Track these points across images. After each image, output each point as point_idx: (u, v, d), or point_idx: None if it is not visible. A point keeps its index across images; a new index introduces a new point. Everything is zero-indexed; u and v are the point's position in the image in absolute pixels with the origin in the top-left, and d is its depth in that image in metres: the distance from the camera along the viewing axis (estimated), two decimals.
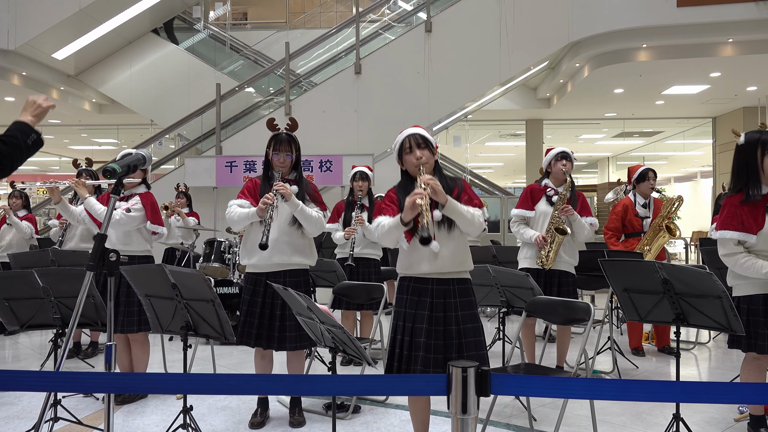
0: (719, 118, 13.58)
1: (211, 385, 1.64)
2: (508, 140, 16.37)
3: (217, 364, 5.08)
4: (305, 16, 12.20)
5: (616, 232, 5.56)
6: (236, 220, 3.57)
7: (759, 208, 3.15)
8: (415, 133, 2.91)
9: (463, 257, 2.88)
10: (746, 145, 3.22)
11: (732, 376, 4.81)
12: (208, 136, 9.67)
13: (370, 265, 5.28)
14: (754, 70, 9.92)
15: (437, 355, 2.75)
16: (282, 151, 3.64)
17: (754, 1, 8.36)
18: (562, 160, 4.43)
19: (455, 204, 2.73)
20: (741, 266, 3.14)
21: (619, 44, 9.17)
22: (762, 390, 1.73)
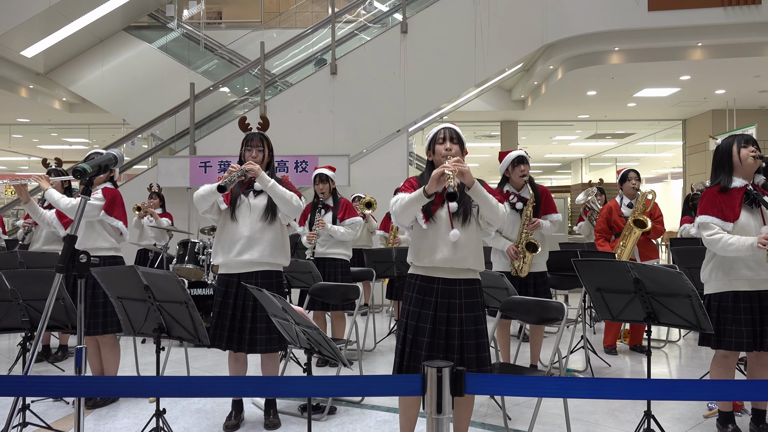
0: (689, 121, 13.85)
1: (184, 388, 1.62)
2: (484, 141, 16.49)
3: (191, 367, 5.02)
4: (280, 15, 12.13)
5: (603, 233, 5.64)
6: (201, 194, 3.51)
7: (735, 198, 3.23)
8: (451, 127, 2.95)
9: (478, 253, 2.88)
10: (723, 145, 3.35)
11: (701, 373, 4.90)
12: (182, 136, 9.56)
13: (337, 266, 5.26)
14: (723, 74, 10.14)
15: (439, 355, 2.77)
16: (254, 147, 3.63)
17: (722, 6, 8.54)
18: (520, 165, 4.41)
19: (481, 188, 2.76)
20: (725, 244, 3.16)
21: (592, 47, 9.30)
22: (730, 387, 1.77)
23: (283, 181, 3.74)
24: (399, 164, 8.87)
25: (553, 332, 6.45)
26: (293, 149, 8.67)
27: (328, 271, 5.22)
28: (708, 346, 3.33)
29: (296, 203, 3.58)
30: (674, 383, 1.60)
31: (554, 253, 5.61)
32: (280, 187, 3.54)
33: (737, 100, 11.94)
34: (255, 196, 3.62)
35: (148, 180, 8.38)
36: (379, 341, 6.18)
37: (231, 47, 11.21)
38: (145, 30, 11.57)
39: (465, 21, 9.18)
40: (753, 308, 3.22)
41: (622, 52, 9.36)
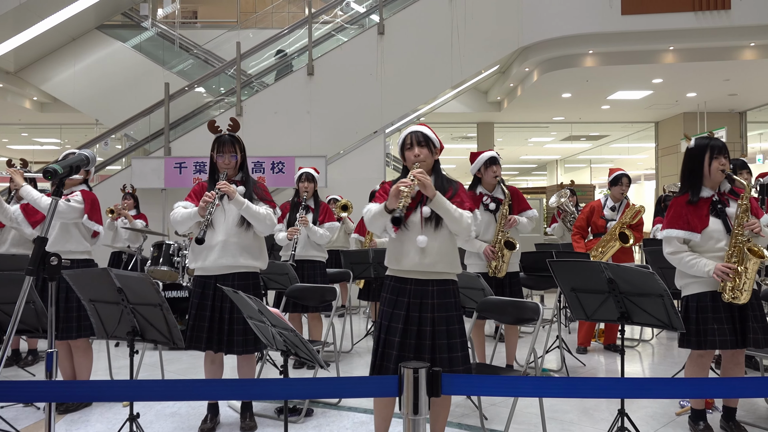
0: (661, 123, 14.08)
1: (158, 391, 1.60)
2: (460, 143, 16.57)
3: (165, 370, 4.96)
4: (257, 15, 12.06)
5: (581, 230, 5.70)
6: (179, 221, 3.52)
7: (703, 208, 3.30)
8: (417, 130, 2.96)
9: (450, 258, 2.90)
10: (696, 148, 3.38)
11: (674, 371, 4.98)
12: (157, 136, 9.45)
13: (315, 267, 5.24)
14: (694, 77, 10.33)
15: (409, 355, 2.79)
16: (226, 152, 3.59)
17: (693, 11, 8.71)
18: (492, 165, 4.44)
19: (443, 200, 2.79)
20: (685, 264, 3.28)
21: (567, 50, 9.41)
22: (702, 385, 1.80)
23: (259, 187, 3.72)
24: (376, 165, 8.87)
25: (529, 332, 6.51)
26: (270, 150, 8.62)
27: (307, 273, 5.20)
28: (690, 348, 3.34)
29: (269, 222, 3.57)
30: (647, 382, 1.63)
31: (529, 254, 5.66)
32: (254, 207, 3.53)
33: (708, 103, 12.17)
34: (229, 200, 3.59)
35: (121, 181, 8.26)
36: (356, 342, 6.17)
37: (206, 47, 11.10)
38: (119, 29, 11.40)
39: (441, 23, 9.22)
40: (731, 306, 3.25)
41: (596, 55, 9.49)
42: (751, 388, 1.83)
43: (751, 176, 5.06)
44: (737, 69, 9.76)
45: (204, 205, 3.41)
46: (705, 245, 3.29)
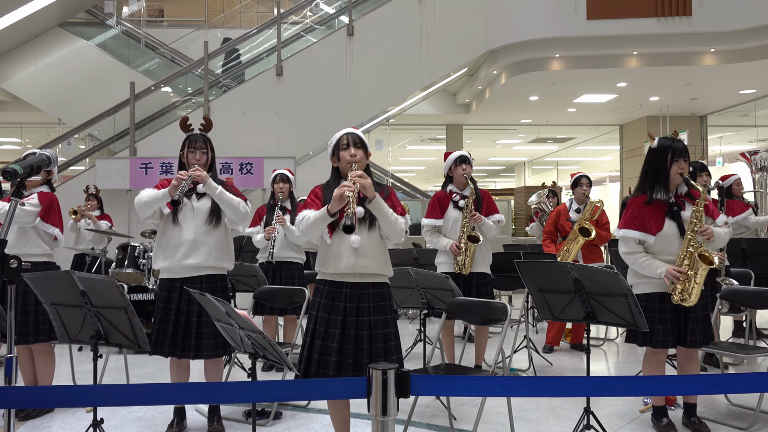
0: (625, 126, 14.36)
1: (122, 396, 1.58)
2: (429, 144, 16.65)
3: (130, 374, 4.87)
4: (225, 15, 11.94)
5: (550, 235, 5.80)
6: (145, 200, 3.40)
7: (659, 210, 3.39)
8: (354, 132, 2.96)
9: (382, 260, 2.90)
10: (658, 149, 3.46)
11: (637, 369, 5.08)
12: (122, 136, 9.28)
13: (293, 269, 5.22)
14: (657, 82, 10.56)
15: (348, 360, 2.77)
16: (197, 149, 3.55)
17: (656, 17, 8.91)
18: (462, 164, 4.50)
19: (382, 202, 2.78)
20: (639, 265, 3.39)
21: (534, 53, 9.53)
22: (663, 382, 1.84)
23: (227, 184, 3.68)
24: None
25: (498, 332, 6.57)
26: (238, 151, 8.53)
27: (285, 274, 5.16)
28: (635, 344, 3.48)
29: (243, 209, 3.53)
30: (612, 380, 1.66)
31: (498, 255, 5.72)
32: (228, 194, 3.48)
33: (670, 107, 12.45)
34: (198, 198, 3.54)
35: (85, 182, 8.09)
36: None
37: (173, 46, 10.95)
38: (83, 26, 11.17)
39: (411, 25, 9.26)
40: (677, 307, 3.38)
41: (562, 58, 9.64)
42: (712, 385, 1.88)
43: (710, 178, 5.19)
44: (698, 74, 10.01)
45: (176, 183, 3.32)
46: (659, 247, 3.40)
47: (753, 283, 4.89)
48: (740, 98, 11.84)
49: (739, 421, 3.75)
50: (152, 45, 11.02)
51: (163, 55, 10.99)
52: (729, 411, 3.98)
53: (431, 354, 4.38)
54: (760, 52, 8.99)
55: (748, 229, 6.14)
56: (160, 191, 3.41)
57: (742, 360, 5.15)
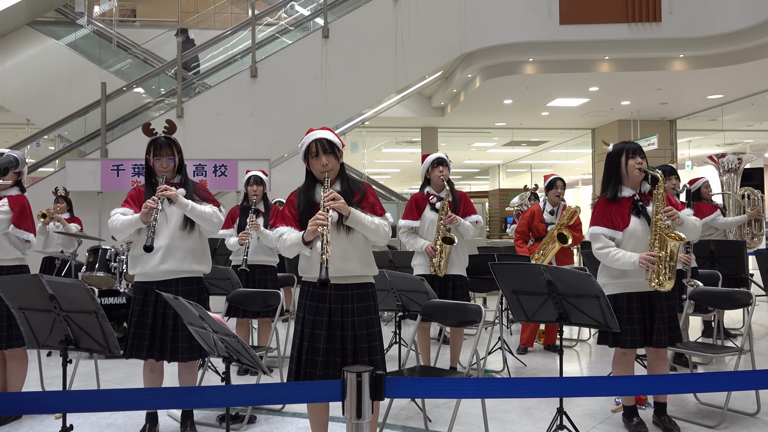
0: (597, 130, 14.57)
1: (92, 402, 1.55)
2: (405, 147, 16.69)
3: (101, 380, 4.79)
4: (198, 16, 11.83)
5: (523, 235, 5.84)
6: (119, 229, 3.39)
7: (624, 207, 3.47)
8: (322, 137, 2.89)
9: (367, 259, 2.90)
10: (614, 152, 3.59)
11: (609, 370, 5.14)
12: (93, 137, 9.12)
13: (267, 272, 5.19)
14: (627, 86, 10.74)
15: (336, 359, 2.79)
16: (163, 155, 3.49)
17: (627, 23, 9.06)
18: (439, 166, 4.54)
19: (359, 216, 2.78)
20: (612, 258, 3.43)
21: (508, 57, 9.62)
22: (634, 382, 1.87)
23: (200, 188, 3.64)
24: None
25: (473, 334, 6.61)
26: (212, 153, 8.45)
27: (259, 278, 5.12)
28: (606, 345, 3.54)
29: (216, 220, 3.50)
30: (584, 380, 1.68)
31: (473, 257, 5.75)
32: (199, 208, 3.45)
33: (641, 111, 12.67)
34: (171, 204, 3.50)
35: (54, 183, 7.93)
36: None
37: (146, 46, 10.80)
38: (52, 25, 10.96)
39: (386, 28, 9.28)
40: (643, 308, 3.47)
41: (536, 63, 9.74)
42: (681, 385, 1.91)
43: (679, 182, 5.29)
44: (668, 79, 10.20)
45: (147, 211, 3.30)
46: (626, 243, 3.47)
47: (721, 284, 4.99)
48: (708, 103, 12.10)
49: (708, 420, 3.82)
50: (124, 45, 10.85)
51: (135, 56, 10.84)
52: (698, 409, 4.06)
53: (406, 356, 4.39)
54: (728, 58, 9.20)
55: (716, 230, 6.27)
56: (132, 217, 3.38)
57: (710, 359, 5.25)
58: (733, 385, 2.01)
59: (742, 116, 13.04)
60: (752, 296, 3.94)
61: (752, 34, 8.66)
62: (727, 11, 8.78)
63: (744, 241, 6.28)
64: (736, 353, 3.95)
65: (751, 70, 9.51)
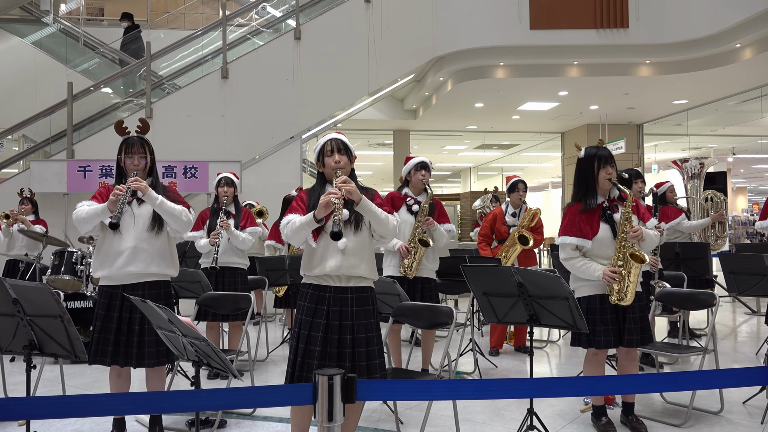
0: (567, 133, 14.78)
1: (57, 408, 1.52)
2: (377, 149, 16.71)
3: (67, 385, 4.69)
4: (168, 16, 11.68)
5: (486, 238, 5.89)
6: (84, 218, 3.30)
7: (594, 216, 3.54)
8: (338, 138, 2.95)
9: (369, 260, 2.90)
10: (585, 158, 3.62)
11: (579, 370, 5.22)
12: (59, 138, 8.94)
13: (236, 275, 5.14)
14: (596, 91, 10.93)
15: (331, 363, 2.77)
16: (135, 153, 3.44)
17: (595, 29, 9.22)
18: (422, 170, 4.58)
19: (369, 203, 2.80)
20: (578, 269, 3.53)
21: (479, 61, 9.71)
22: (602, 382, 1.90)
23: (170, 189, 3.59)
24: (292, 171, 8.79)
25: (444, 336, 6.63)
26: (182, 154, 8.35)
27: (228, 280, 5.07)
28: (580, 346, 3.59)
29: (186, 219, 3.45)
30: (553, 381, 1.70)
31: (444, 259, 5.78)
32: (169, 203, 3.39)
33: (609, 115, 12.89)
34: (139, 204, 3.44)
35: (18, 185, 7.75)
36: (271, 351, 6.07)
37: (114, 46, 10.64)
38: (17, 23, 10.72)
39: (358, 31, 9.28)
40: (616, 308, 3.53)
41: (506, 67, 9.85)
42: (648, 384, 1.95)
43: (645, 185, 5.39)
44: (635, 84, 10.41)
45: (115, 198, 3.23)
46: (596, 251, 3.54)
47: (686, 285, 5.10)
48: (674, 108, 12.38)
49: (674, 418, 3.90)
50: (92, 44, 10.66)
51: (103, 55, 10.65)
52: (664, 408, 4.14)
53: None
54: (692, 64, 9.43)
55: (681, 233, 6.40)
56: (98, 206, 3.31)
57: (676, 359, 5.36)
58: (698, 385, 2.06)
59: (706, 121, 13.37)
60: (716, 297, 4.04)
61: (716, 42, 8.89)
62: (692, 19, 9.00)
63: (708, 243, 6.43)
64: (701, 353, 4.04)
65: (714, 77, 9.75)
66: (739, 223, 16.69)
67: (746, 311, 8.51)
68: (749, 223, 16.59)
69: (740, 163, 18.57)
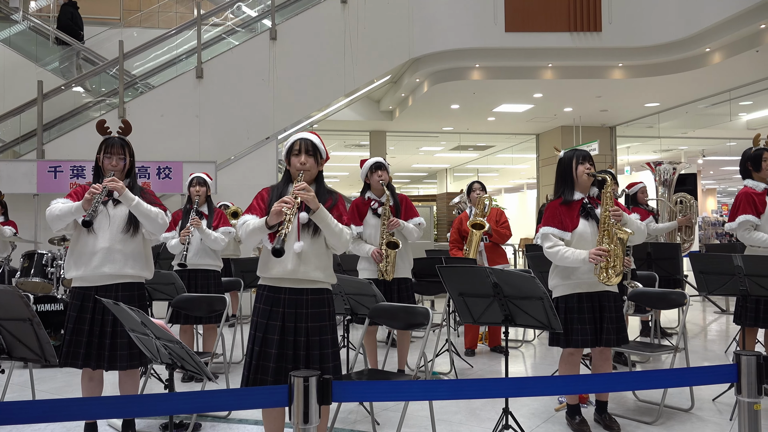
0: (541, 135, 14.93)
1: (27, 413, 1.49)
2: (353, 150, 16.70)
3: (37, 390, 4.60)
4: (142, 14, 11.53)
5: (456, 243, 5.95)
6: (57, 215, 3.24)
7: (574, 210, 3.59)
8: (307, 138, 2.91)
9: (325, 265, 2.88)
10: (565, 157, 3.72)
11: (553, 370, 5.27)
12: (28, 137, 8.77)
13: (210, 277, 5.07)
14: (570, 93, 11.06)
15: (288, 365, 2.75)
16: (114, 154, 3.41)
17: (569, 32, 9.33)
18: (378, 171, 4.54)
19: (326, 214, 2.76)
20: (562, 257, 3.53)
21: (455, 63, 9.76)
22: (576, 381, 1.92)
23: (145, 190, 3.55)
24: (268, 172, 8.74)
25: (421, 337, 6.65)
26: (155, 155, 8.25)
27: (201, 282, 5.00)
28: (558, 346, 3.63)
29: (162, 221, 3.41)
30: (528, 381, 1.71)
31: (420, 260, 5.81)
32: (145, 204, 3.35)
33: (582, 117, 13.06)
34: (115, 205, 3.39)
35: None
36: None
37: (86, 44, 10.47)
38: None
39: (334, 31, 9.27)
40: (594, 308, 3.58)
41: (482, 69, 9.92)
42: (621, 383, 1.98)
43: (618, 186, 5.47)
44: (607, 87, 10.55)
45: (90, 197, 3.18)
46: (576, 245, 3.58)
47: (657, 285, 5.18)
48: (646, 110, 12.58)
49: (646, 416, 3.96)
50: (63, 42, 10.47)
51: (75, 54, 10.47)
52: (636, 406, 4.20)
53: (354, 360, 4.39)
54: (663, 68, 9.59)
55: (649, 235, 6.51)
56: (73, 204, 3.25)
57: (648, 358, 5.44)
58: (669, 383, 2.09)
59: (677, 124, 13.62)
60: (686, 296, 4.12)
61: (687, 45, 9.07)
62: (664, 23, 9.16)
63: (679, 244, 6.55)
64: (672, 352, 4.11)
65: (685, 80, 9.94)
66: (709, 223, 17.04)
67: (716, 310, 8.68)
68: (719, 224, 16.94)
69: (710, 165, 18.95)
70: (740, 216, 4.32)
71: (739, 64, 9.10)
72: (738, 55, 8.66)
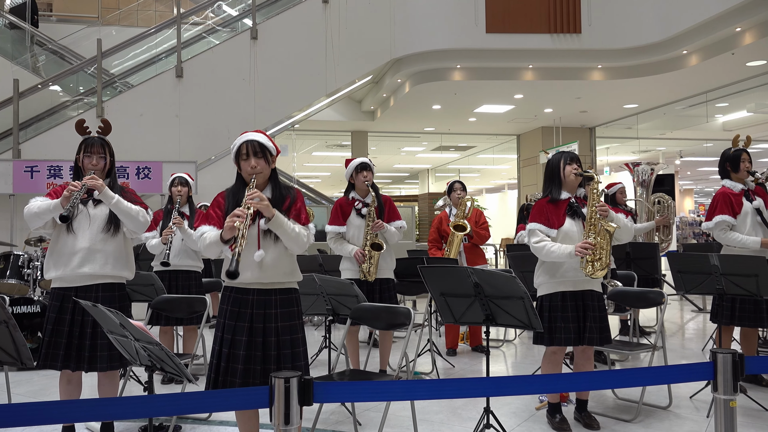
0: (522, 136, 15.04)
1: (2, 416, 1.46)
2: (335, 150, 16.67)
3: (13, 393, 4.52)
4: (120, 12, 11.41)
5: (435, 242, 5.96)
6: (35, 212, 3.19)
7: (560, 209, 3.63)
8: (254, 139, 2.82)
9: (289, 268, 2.86)
10: (553, 159, 3.77)
11: (534, 368, 5.31)
12: (4, 137, 8.62)
13: (191, 278, 5.03)
14: (550, 94, 11.14)
15: (256, 367, 2.72)
16: (94, 153, 3.37)
17: (549, 33, 9.41)
18: (363, 171, 4.54)
19: (282, 221, 2.71)
20: (548, 251, 3.54)
21: (436, 63, 9.79)
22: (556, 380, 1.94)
23: (126, 189, 3.51)
24: None
25: (402, 337, 6.66)
26: (134, 155, 8.16)
27: (182, 284, 4.96)
28: (542, 345, 3.65)
29: (143, 219, 3.37)
30: (509, 380, 1.72)
31: (402, 260, 5.82)
32: (125, 203, 3.31)
33: (562, 118, 13.17)
34: (95, 205, 3.35)
35: None
36: None
37: (63, 42, 10.31)
38: None
39: (316, 31, 9.25)
40: (577, 306, 3.62)
41: (463, 69, 9.96)
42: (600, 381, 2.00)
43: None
44: (587, 88, 10.66)
45: (68, 194, 3.13)
46: (561, 243, 3.60)
47: (636, 284, 5.24)
48: (625, 112, 12.73)
49: (625, 414, 4.01)
50: (39, 41, 10.32)
51: (52, 52, 10.32)
52: (616, 404, 4.24)
53: (336, 360, 4.37)
54: (642, 69, 9.71)
55: None
56: (51, 201, 3.21)
57: (627, 356, 5.51)
58: (648, 381, 2.12)
59: (655, 125, 13.79)
60: (664, 296, 4.17)
61: (665, 48, 9.19)
62: (643, 25, 9.27)
63: (657, 244, 6.63)
64: (650, 350, 4.16)
65: (663, 82, 10.07)
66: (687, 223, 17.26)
67: (693, 309, 8.81)
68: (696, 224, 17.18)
69: (687, 166, 19.22)
70: (717, 216, 4.39)
71: (716, 66, 9.24)
72: (714, 57, 8.80)
